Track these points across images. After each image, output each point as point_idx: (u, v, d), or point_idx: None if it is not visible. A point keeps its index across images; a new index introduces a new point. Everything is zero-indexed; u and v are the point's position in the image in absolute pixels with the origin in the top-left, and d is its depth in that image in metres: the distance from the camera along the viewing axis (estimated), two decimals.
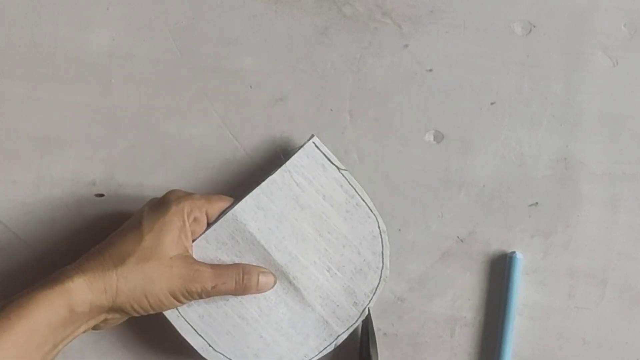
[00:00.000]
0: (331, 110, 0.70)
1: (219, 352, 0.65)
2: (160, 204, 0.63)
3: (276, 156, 0.70)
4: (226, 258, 0.66)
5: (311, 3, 0.70)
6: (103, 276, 0.60)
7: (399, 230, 0.70)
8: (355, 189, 0.67)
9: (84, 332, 0.61)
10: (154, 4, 0.70)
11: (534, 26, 0.69)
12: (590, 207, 0.69)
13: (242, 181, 0.70)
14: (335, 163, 0.67)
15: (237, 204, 0.66)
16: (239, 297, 0.65)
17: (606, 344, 0.69)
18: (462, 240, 0.70)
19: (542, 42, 0.69)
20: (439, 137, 0.70)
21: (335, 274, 0.67)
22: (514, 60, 0.69)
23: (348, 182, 0.67)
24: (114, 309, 0.61)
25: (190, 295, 0.62)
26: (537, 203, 0.70)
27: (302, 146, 0.67)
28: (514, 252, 0.69)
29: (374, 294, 0.67)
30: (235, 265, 0.65)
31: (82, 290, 0.59)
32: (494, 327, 0.69)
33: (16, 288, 0.61)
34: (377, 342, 0.68)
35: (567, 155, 0.70)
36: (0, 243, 0.70)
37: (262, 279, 0.65)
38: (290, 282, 0.66)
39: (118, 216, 0.68)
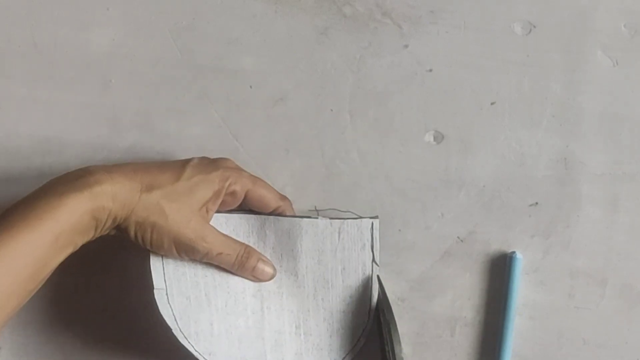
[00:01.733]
0: (331, 110, 0.70)
1: (169, 304, 0.64)
2: (210, 164, 0.64)
3: (278, 156, 0.70)
4: None
5: (311, 3, 0.70)
6: (128, 193, 0.60)
7: (399, 230, 0.70)
8: (372, 287, 0.67)
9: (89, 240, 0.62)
10: (154, 4, 0.70)
11: (534, 26, 0.69)
12: (590, 207, 0.69)
13: None
14: (375, 252, 0.67)
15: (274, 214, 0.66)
16: (216, 279, 0.65)
17: (606, 344, 0.69)
18: (462, 240, 0.70)
19: (542, 42, 0.69)
20: (439, 137, 0.70)
21: (300, 335, 0.67)
22: (514, 60, 0.69)
23: (372, 275, 0.67)
24: (121, 227, 0.62)
25: (192, 253, 0.63)
26: (537, 203, 0.70)
27: (361, 217, 0.67)
28: (514, 252, 0.69)
29: None
30: (241, 243, 0.66)
31: (107, 199, 0.59)
32: (494, 327, 0.69)
33: None
34: (379, 341, 0.68)
35: (567, 155, 0.69)
36: None
37: (261, 265, 0.66)
38: (261, 308, 0.66)
39: None
